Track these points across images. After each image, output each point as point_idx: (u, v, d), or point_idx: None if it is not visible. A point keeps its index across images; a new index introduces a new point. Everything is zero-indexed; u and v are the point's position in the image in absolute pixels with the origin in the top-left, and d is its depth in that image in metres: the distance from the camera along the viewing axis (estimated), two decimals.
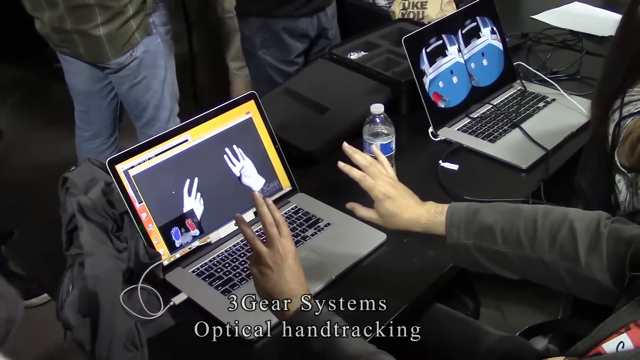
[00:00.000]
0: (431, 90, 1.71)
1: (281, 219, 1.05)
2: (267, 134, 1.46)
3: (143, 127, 2.32)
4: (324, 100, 1.78)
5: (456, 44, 1.78)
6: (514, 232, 1.05)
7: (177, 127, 1.34)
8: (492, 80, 1.86)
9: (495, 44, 1.88)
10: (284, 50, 2.22)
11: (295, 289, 1.01)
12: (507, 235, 1.06)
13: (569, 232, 1.01)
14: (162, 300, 1.23)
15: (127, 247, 1.27)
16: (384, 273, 1.30)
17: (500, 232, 1.06)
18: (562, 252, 1.01)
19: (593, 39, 2.16)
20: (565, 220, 1.02)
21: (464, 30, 1.81)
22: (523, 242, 1.04)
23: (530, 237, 1.04)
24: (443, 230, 1.12)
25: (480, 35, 1.84)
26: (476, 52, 1.83)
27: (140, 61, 2.12)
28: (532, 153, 1.61)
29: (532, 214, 1.06)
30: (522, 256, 1.04)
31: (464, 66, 1.80)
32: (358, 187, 1.17)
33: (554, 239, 1.02)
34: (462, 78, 1.79)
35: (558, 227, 1.02)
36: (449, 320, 1.36)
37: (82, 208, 1.31)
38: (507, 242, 1.06)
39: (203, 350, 1.16)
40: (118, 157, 1.26)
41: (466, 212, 1.11)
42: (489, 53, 1.86)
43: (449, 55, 1.76)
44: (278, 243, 1.02)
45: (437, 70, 1.73)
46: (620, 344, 0.81)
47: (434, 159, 1.61)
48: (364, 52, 2.02)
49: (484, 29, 1.85)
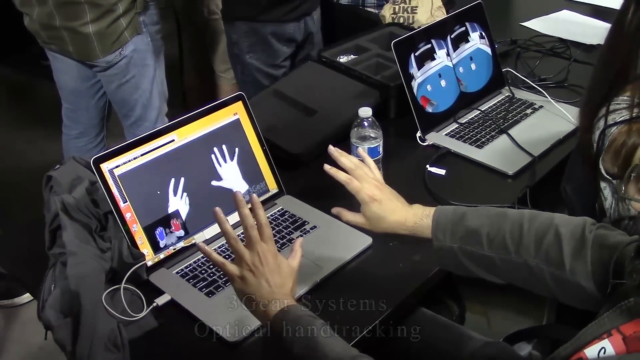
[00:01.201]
0: (419, 94, 1.71)
1: (264, 220, 1.03)
2: (254, 135, 1.45)
3: (131, 126, 2.30)
4: (313, 102, 1.78)
5: (445, 49, 1.78)
6: (500, 236, 1.06)
7: (164, 127, 1.33)
8: (480, 86, 1.87)
9: (485, 50, 1.88)
10: (271, 54, 2.21)
11: (275, 292, 0.99)
12: (492, 240, 1.06)
13: (554, 238, 1.01)
14: (145, 301, 1.21)
15: (111, 247, 1.26)
16: (369, 277, 1.29)
17: (486, 236, 1.07)
18: (547, 257, 1.01)
19: (581, 47, 2.17)
20: (551, 226, 1.03)
21: (454, 36, 1.81)
22: (509, 247, 1.04)
23: (516, 241, 1.04)
24: (429, 234, 1.12)
25: (469, 40, 1.85)
26: (465, 57, 1.83)
27: (129, 60, 2.11)
28: (518, 159, 1.61)
29: (519, 218, 1.06)
30: (508, 260, 1.05)
31: (452, 71, 1.80)
32: (344, 190, 1.17)
33: (540, 244, 1.02)
34: (451, 83, 1.79)
35: (544, 232, 1.03)
36: (433, 325, 1.36)
37: (65, 207, 1.30)
38: (493, 247, 1.06)
39: (186, 352, 1.15)
40: (103, 156, 1.25)
41: (453, 216, 1.11)
42: (477, 58, 1.86)
43: (438, 60, 1.76)
44: (258, 246, 1.01)
45: (425, 74, 1.73)
46: (602, 349, 0.81)
47: (422, 163, 1.61)
48: (353, 56, 2.02)
49: (473, 34, 1.86)
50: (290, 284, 1.03)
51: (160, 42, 2.28)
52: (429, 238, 1.12)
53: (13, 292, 2.33)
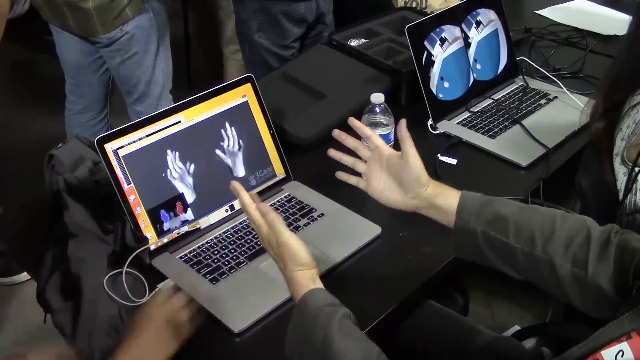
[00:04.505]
0: (432, 82, 1.67)
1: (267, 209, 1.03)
2: (262, 118, 1.41)
3: (134, 103, 2.27)
4: (322, 86, 1.74)
5: (459, 35, 1.74)
6: (529, 229, 1.02)
7: (170, 107, 1.30)
8: (494, 74, 1.82)
9: (499, 37, 1.84)
10: (281, 34, 2.16)
11: (299, 275, 0.99)
12: (520, 231, 1.03)
13: (584, 239, 0.99)
14: (148, 286, 1.19)
15: (113, 230, 1.23)
16: (377, 267, 1.26)
17: (514, 225, 1.03)
18: (575, 257, 0.99)
19: (598, 38, 2.12)
20: (583, 228, 1.00)
21: (468, 22, 1.76)
22: (536, 241, 1.01)
23: (546, 238, 1.01)
24: (448, 209, 1.08)
25: (483, 27, 1.80)
26: (479, 44, 1.79)
27: (132, 36, 2.07)
28: (532, 151, 1.57)
29: (551, 215, 1.04)
30: (531, 255, 1.02)
31: (466, 58, 1.75)
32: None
33: (570, 243, 0.99)
34: (464, 70, 1.75)
35: (576, 232, 1.00)
36: (441, 318, 1.33)
37: (68, 187, 1.27)
38: (519, 238, 1.02)
39: (188, 339, 1.12)
40: (107, 135, 1.21)
41: (481, 198, 1.08)
42: (492, 46, 1.82)
43: (451, 47, 1.72)
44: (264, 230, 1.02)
45: (438, 60, 1.69)
46: (620, 352, 0.78)
47: (433, 152, 1.58)
48: (364, 40, 1.98)
49: (488, 21, 1.81)
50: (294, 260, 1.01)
51: (164, 16, 2.23)
52: (442, 219, 1.09)
53: (12, 270, 2.30)
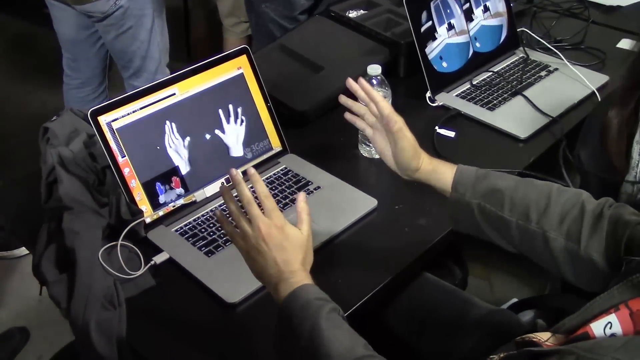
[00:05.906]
0: (431, 53, 1.65)
1: (264, 193, 0.95)
2: (258, 91, 1.40)
3: (130, 77, 2.25)
4: (320, 58, 1.72)
5: (458, 6, 1.71)
6: (524, 203, 1.03)
7: (164, 79, 1.28)
8: (494, 45, 1.80)
9: (500, 8, 1.81)
10: (288, 5, 2.13)
11: (283, 271, 0.92)
12: (515, 204, 1.03)
13: (579, 213, 0.99)
14: (143, 259, 1.19)
15: (108, 203, 1.22)
16: (373, 240, 1.26)
17: (509, 199, 1.03)
18: (568, 231, 0.99)
19: (601, 8, 2.09)
20: (578, 202, 1.01)
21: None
22: (531, 215, 1.01)
23: (541, 211, 1.01)
24: (445, 181, 1.08)
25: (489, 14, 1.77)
26: (479, 15, 1.76)
27: (126, 10, 2.04)
28: (531, 123, 1.56)
29: (547, 189, 1.04)
30: (525, 228, 1.02)
31: (465, 29, 1.73)
32: (350, 150, 1.13)
33: (564, 217, 1.00)
34: (463, 42, 1.73)
35: (570, 206, 1.00)
36: (437, 290, 1.33)
37: (62, 160, 1.26)
38: (514, 211, 1.03)
39: (183, 312, 1.12)
40: (101, 108, 1.20)
41: (477, 172, 1.08)
42: (492, 16, 1.79)
43: (450, 17, 1.69)
44: (260, 223, 0.93)
45: (437, 31, 1.66)
46: (608, 324, 0.79)
47: (431, 124, 1.56)
48: (363, 11, 1.95)
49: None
50: (300, 255, 0.94)
51: None
52: (439, 187, 1.09)
53: (12, 244, 2.31)
